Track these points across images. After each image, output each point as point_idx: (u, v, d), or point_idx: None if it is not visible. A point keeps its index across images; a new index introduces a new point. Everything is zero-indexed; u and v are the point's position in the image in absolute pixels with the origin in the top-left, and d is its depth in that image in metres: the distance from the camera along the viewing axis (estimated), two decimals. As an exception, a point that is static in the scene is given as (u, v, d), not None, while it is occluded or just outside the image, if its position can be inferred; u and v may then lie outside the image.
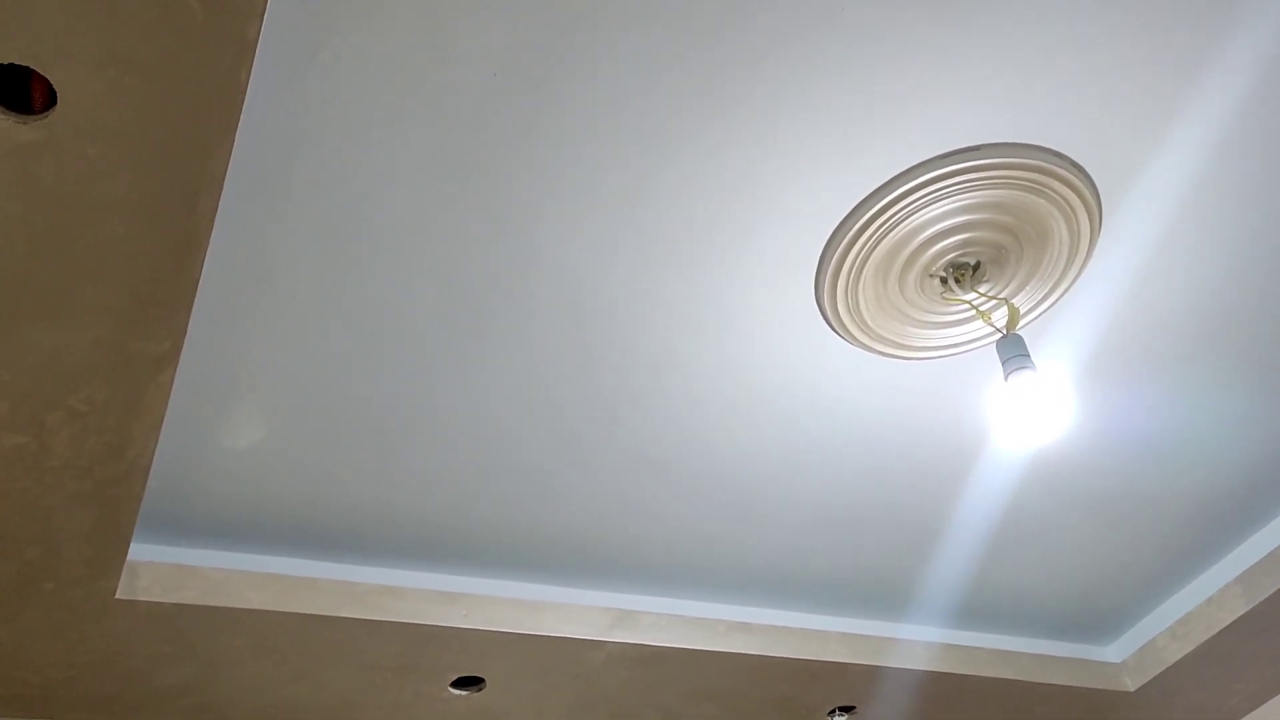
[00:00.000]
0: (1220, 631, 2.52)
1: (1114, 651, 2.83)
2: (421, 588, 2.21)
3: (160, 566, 2.01)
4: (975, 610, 2.66)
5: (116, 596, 1.92)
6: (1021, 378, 1.69)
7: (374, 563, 2.20)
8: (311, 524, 2.10)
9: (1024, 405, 1.68)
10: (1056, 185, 1.71)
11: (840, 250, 1.77)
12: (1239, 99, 1.63)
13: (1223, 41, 1.55)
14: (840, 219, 1.73)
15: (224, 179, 1.38)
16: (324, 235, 1.65)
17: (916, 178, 1.68)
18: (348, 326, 1.78)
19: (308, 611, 2.08)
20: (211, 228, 1.43)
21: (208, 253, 1.62)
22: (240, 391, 1.83)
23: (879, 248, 1.77)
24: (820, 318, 1.89)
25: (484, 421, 1.97)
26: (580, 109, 1.53)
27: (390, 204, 1.62)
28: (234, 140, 1.34)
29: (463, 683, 2.36)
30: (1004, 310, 1.87)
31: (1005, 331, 1.80)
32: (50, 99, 1.27)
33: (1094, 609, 2.71)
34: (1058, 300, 1.90)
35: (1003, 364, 1.74)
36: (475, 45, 1.45)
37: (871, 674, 2.57)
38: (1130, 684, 2.76)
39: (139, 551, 2.02)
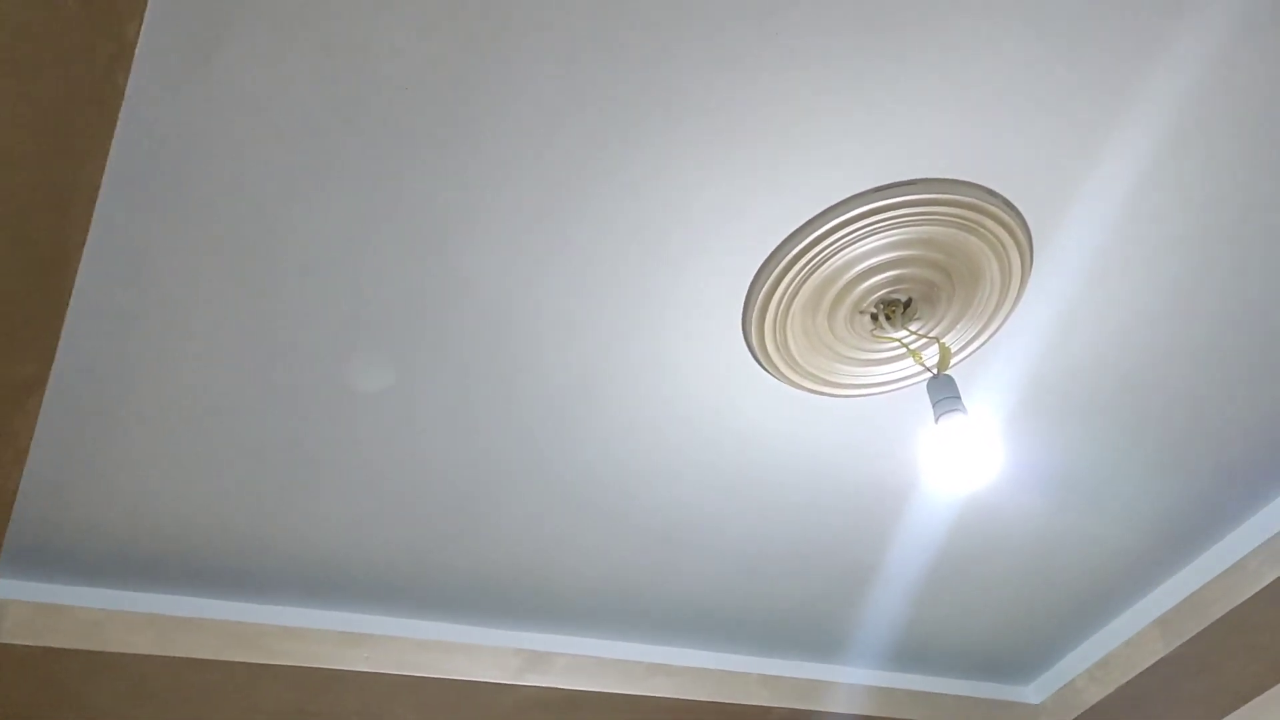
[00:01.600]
0: (1139, 674, 2.51)
1: (1034, 692, 2.81)
2: (319, 628, 2.07)
3: (29, 606, 1.85)
4: (899, 651, 2.61)
5: (-24, 640, 1.75)
6: (952, 420, 1.64)
7: (267, 601, 2.06)
8: (199, 559, 1.95)
9: (954, 449, 1.63)
10: (989, 223, 1.67)
11: (769, 284, 1.71)
12: (1161, 144, 1.61)
13: (1146, 88, 1.52)
14: (769, 252, 1.67)
15: (99, 189, 1.26)
16: (219, 251, 1.52)
17: (848, 211, 1.63)
18: (244, 348, 1.65)
19: (193, 655, 1.93)
20: (84, 241, 1.31)
21: (86, 269, 1.48)
22: (122, 417, 1.69)
23: (809, 282, 1.71)
24: (748, 352, 1.82)
25: (392, 451, 1.85)
26: (504, 126, 1.44)
27: (295, 218, 1.50)
28: (110, 148, 1.22)
29: (363, 728, 2.22)
30: (935, 349, 1.83)
31: (936, 371, 1.75)
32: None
33: (1015, 650, 2.68)
34: (988, 340, 1.86)
35: (933, 405, 1.69)
36: (388, 54, 1.35)
37: (793, 717, 2.50)
38: (1049, 726, 2.74)
39: (6, 589, 1.86)
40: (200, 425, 1.74)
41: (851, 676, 2.59)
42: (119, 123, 1.27)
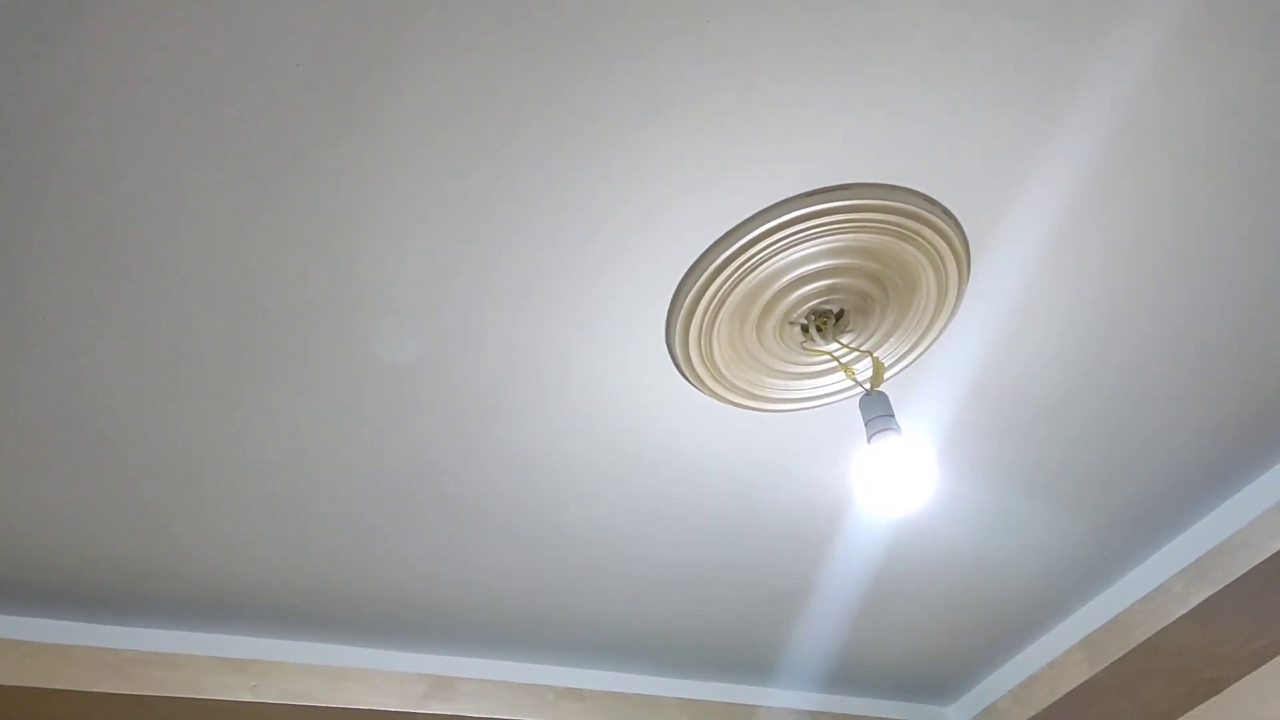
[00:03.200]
0: (1062, 696, 2.47)
1: (956, 713, 2.76)
2: (199, 654, 1.90)
3: None
4: (822, 672, 2.53)
5: None
6: (885, 440, 1.55)
7: (141, 624, 1.88)
8: (63, 579, 1.77)
9: (887, 470, 1.54)
10: (926, 232, 1.59)
11: (694, 292, 1.60)
12: (1097, 157, 1.54)
13: (1085, 94, 1.46)
14: (695, 258, 1.56)
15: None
16: (84, 242, 1.36)
17: (779, 216, 1.53)
18: (115, 351, 1.48)
19: (56, 686, 1.74)
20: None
21: (-78, 255, 1.31)
22: (-28, 424, 1.51)
23: (736, 290, 1.61)
24: (671, 364, 1.71)
25: (282, 460, 1.70)
26: (411, 113, 1.30)
27: (170, 208, 1.35)
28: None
29: (251, 761, 2.06)
30: (868, 363, 1.74)
31: (868, 388, 1.66)
32: None
33: (939, 671, 2.63)
34: (923, 353, 1.78)
35: (865, 424, 1.60)
36: (277, 25, 1.20)
37: (711, 742, 2.40)
38: (972, 748, 2.69)
39: None
40: (65, 433, 1.56)
41: (774, 699, 2.51)
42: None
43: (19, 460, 1.58)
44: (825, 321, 1.68)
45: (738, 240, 1.55)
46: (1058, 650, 2.50)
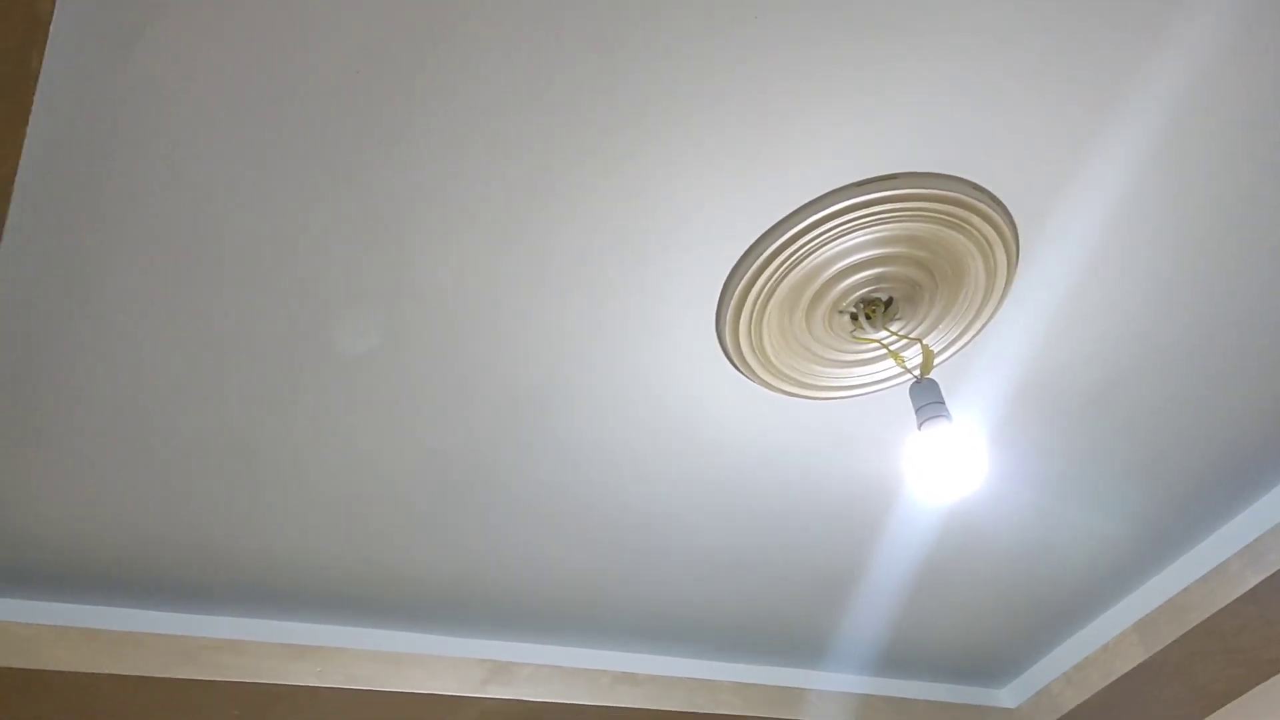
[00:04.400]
0: (1116, 679, 2.46)
1: (1009, 696, 2.76)
2: (267, 641, 1.96)
3: (-47, 622, 1.73)
4: (875, 657, 2.55)
5: (-106, 661, 1.63)
6: (936, 427, 1.56)
7: (210, 613, 1.94)
8: (137, 571, 1.83)
9: (938, 457, 1.55)
10: (975, 220, 1.59)
11: (744, 282, 1.62)
12: (1150, 145, 1.54)
13: (1140, 85, 1.45)
14: (745, 248, 1.58)
15: (15, 178, 1.14)
16: (154, 246, 1.41)
17: (828, 206, 1.54)
18: (183, 349, 1.54)
19: (132, 672, 1.81)
20: (0, 235, 1.19)
21: (8, 265, 1.36)
22: (54, 421, 1.57)
23: (786, 280, 1.63)
24: (721, 353, 1.73)
25: (344, 455, 1.75)
26: (461, 113, 1.33)
27: (235, 211, 1.39)
28: (26, 134, 1.11)
29: (317, 744, 2.12)
30: (916, 350, 1.75)
31: (919, 375, 1.67)
32: None
33: (992, 655, 2.63)
34: (971, 341, 1.78)
35: (916, 411, 1.61)
36: (335, 35, 1.24)
37: (764, 725, 2.43)
38: (1025, 731, 2.69)
39: (-71, 604, 1.74)
40: (136, 430, 1.62)
41: (827, 683, 2.53)
42: (35, 111, 1.15)
43: (94, 458, 1.64)
44: (874, 310, 1.69)
45: (787, 231, 1.56)
46: (1112, 633, 2.49)
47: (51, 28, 1.06)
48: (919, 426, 1.59)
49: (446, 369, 1.65)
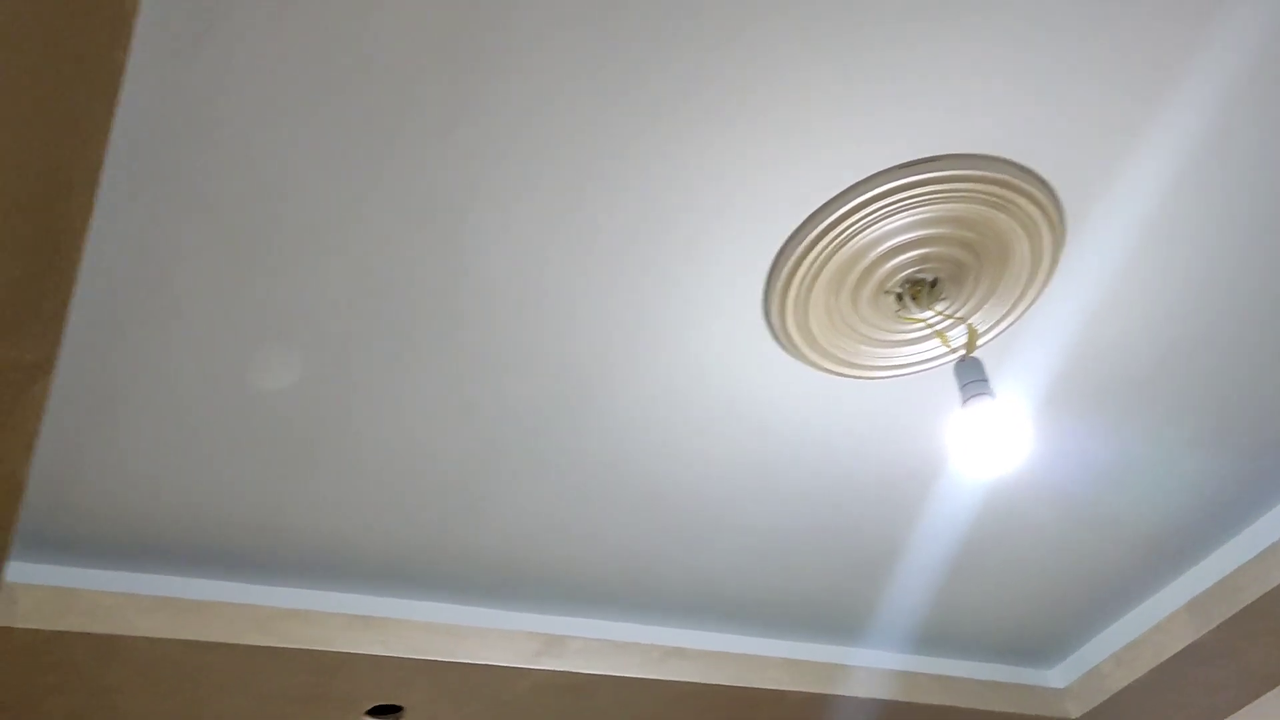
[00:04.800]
0: (1166, 659, 2.46)
1: (1058, 677, 2.77)
2: (331, 611, 2.04)
3: (42, 590, 1.83)
4: (922, 635, 2.57)
5: (-11, 624, 1.74)
6: (980, 404, 1.59)
7: (279, 584, 2.03)
8: (209, 542, 1.92)
9: (982, 433, 1.58)
10: (1021, 201, 1.61)
11: (791, 262, 1.65)
12: (1200, 129, 1.55)
13: (1193, 64, 1.46)
14: (792, 229, 1.61)
15: (100, 171, 1.22)
16: (225, 230, 1.48)
17: (875, 188, 1.57)
18: (251, 329, 1.61)
19: (204, 639, 1.91)
20: (88, 223, 1.27)
21: (88, 252, 1.44)
22: (130, 401, 1.66)
23: (832, 261, 1.66)
24: (768, 333, 1.77)
25: (402, 432, 1.82)
26: (512, 98, 1.39)
27: (300, 197, 1.46)
28: (111, 127, 1.18)
29: (379, 711, 2.21)
30: (961, 330, 1.77)
31: (963, 353, 1.70)
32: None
33: (1040, 634, 2.64)
34: (1016, 321, 1.80)
35: (960, 388, 1.63)
36: (391, 27, 1.29)
37: (812, 701, 2.47)
38: (1073, 711, 2.69)
39: (19, 573, 1.84)
40: (207, 407, 1.71)
41: (873, 660, 2.56)
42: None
43: (169, 438, 1.73)
44: (919, 290, 1.72)
45: (834, 212, 1.59)
46: (1162, 613, 2.49)
47: (133, 25, 1.12)
48: (963, 403, 1.61)
49: (499, 349, 1.71)
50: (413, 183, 1.47)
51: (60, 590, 1.84)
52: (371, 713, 2.21)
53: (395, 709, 2.21)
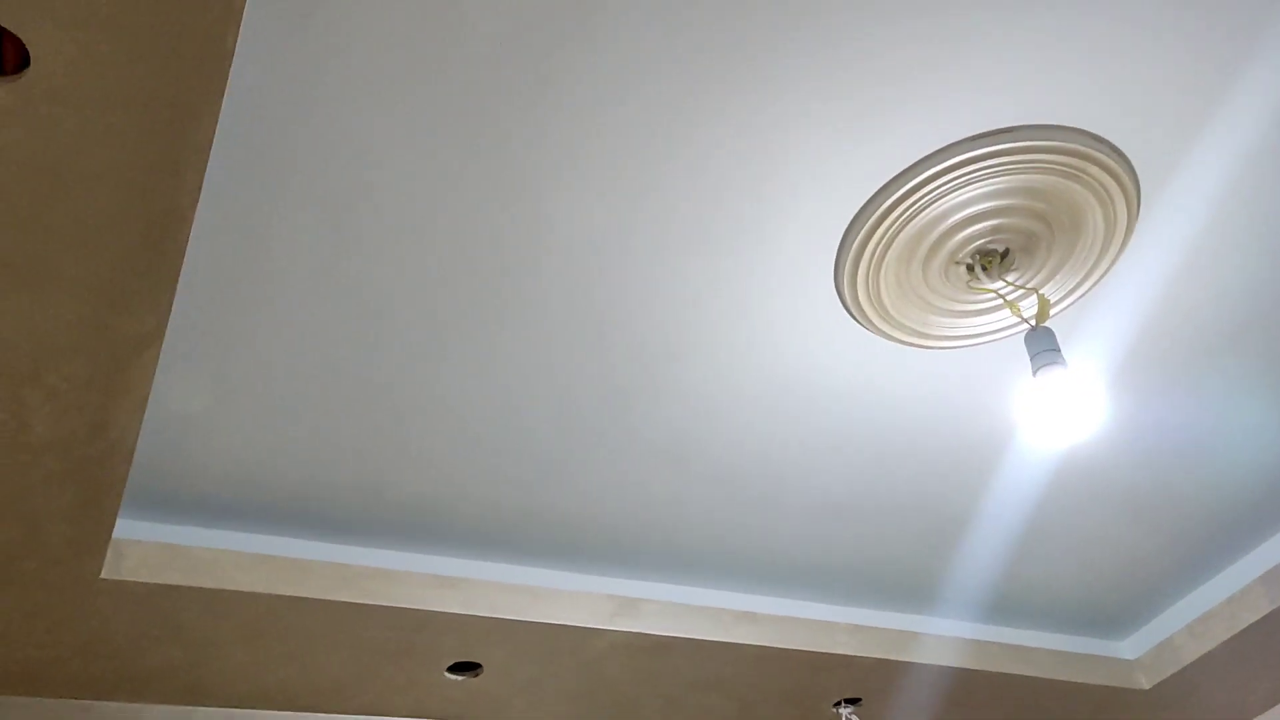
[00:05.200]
0: (1241, 631, 2.44)
1: (1129, 648, 2.76)
2: (417, 571, 2.14)
3: (148, 546, 1.95)
4: (989, 604, 2.59)
5: (101, 577, 1.86)
6: (1051, 374, 1.60)
7: (369, 545, 2.13)
8: (305, 504, 2.03)
9: (1053, 402, 1.59)
10: (1095, 171, 1.61)
11: (863, 235, 1.68)
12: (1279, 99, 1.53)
13: (1271, 29, 1.44)
14: (864, 202, 1.64)
15: (210, 148, 1.29)
16: (321, 207, 1.56)
17: (947, 160, 1.59)
18: (346, 302, 1.69)
19: (298, 594, 2.01)
20: (197, 199, 1.35)
21: (194, 226, 1.53)
22: (232, 369, 1.76)
23: (903, 233, 1.68)
24: (839, 304, 1.80)
25: (487, 401, 1.89)
26: (597, 77, 1.44)
27: (393, 174, 1.53)
28: (220, 108, 1.25)
29: (459, 667, 2.30)
30: (1033, 300, 1.78)
31: (1034, 324, 1.71)
32: (23, 60, 1.19)
33: (1111, 606, 2.64)
34: (1088, 291, 1.80)
35: (1031, 358, 1.65)
36: (481, 7, 1.35)
37: (879, 667, 2.50)
38: (1145, 682, 2.69)
39: (127, 529, 1.96)
40: (303, 375, 1.79)
41: (942, 628, 2.58)
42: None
43: (269, 403, 1.82)
44: (991, 260, 1.73)
45: (905, 185, 1.62)
46: (1237, 585, 2.48)
47: (240, 12, 1.19)
48: (1034, 373, 1.63)
49: (582, 321, 1.77)
50: (500, 161, 1.53)
51: (165, 546, 1.95)
52: (452, 669, 2.30)
53: (475, 666, 2.31)
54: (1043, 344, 1.65)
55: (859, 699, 2.63)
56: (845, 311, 1.81)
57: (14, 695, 2.10)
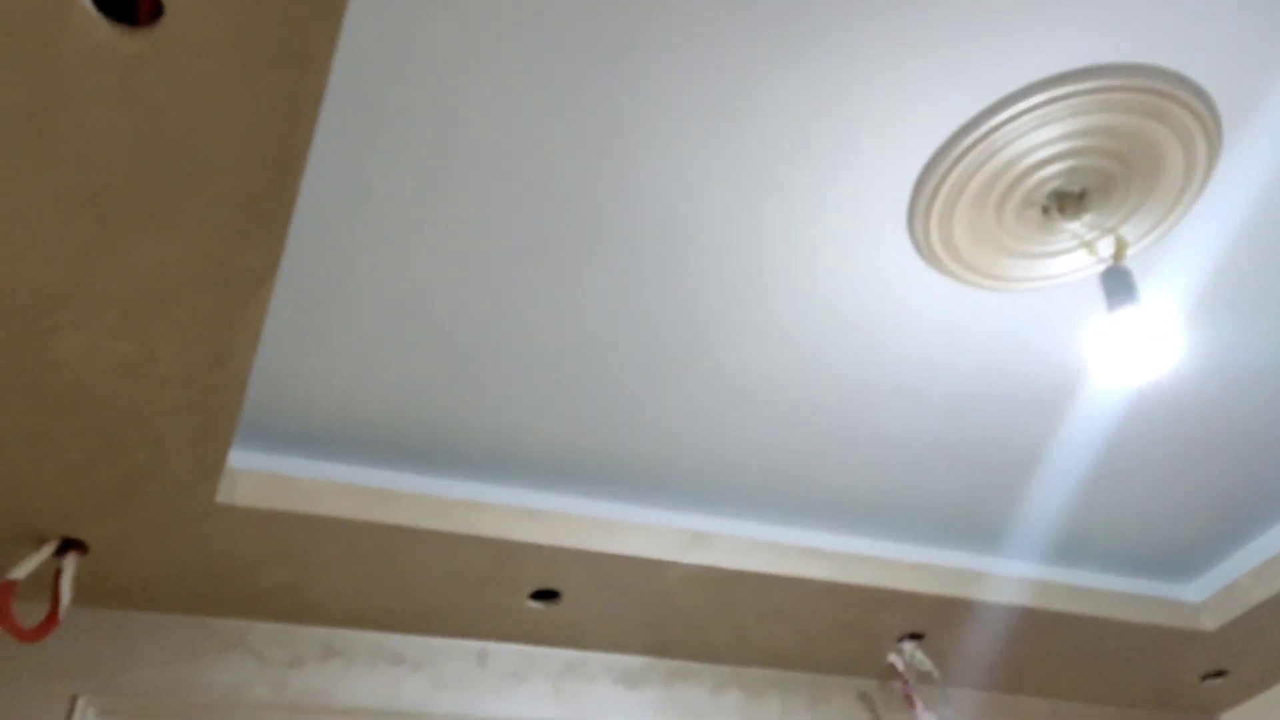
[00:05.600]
0: (1309, 576, 2.47)
1: (1194, 591, 2.79)
2: (503, 504, 2.25)
3: (257, 474, 2.08)
4: (1057, 545, 2.63)
5: (216, 501, 1.99)
6: (1127, 312, 1.64)
7: (459, 477, 2.25)
8: (400, 438, 2.14)
9: (1129, 341, 1.63)
10: (1176, 110, 1.63)
11: (936, 177, 1.72)
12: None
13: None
14: (939, 143, 1.68)
15: (323, 94, 1.38)
16: (420, 153, 1.64)
17: (1022, 101, 1.62)
18: (441, 243, 1.78)
19: (395, 523, 2.13)
20: (309, 143, 1.44)
21: (306, 169, 1.63)
22: (336, 307, 1.86)
23: (978, 175, 1.72)
24: (912, 247, 1.84)
25: (569, 340, 1.98)
26: (684, 36, 1.49)
27: (487, 120, 1.61)
28: (334, 55, 1.34)
29: (540, 595, 2.42)
30: (1109, 240, 1.81)
31: (1111, 263, 1.74)
32: (157, 10, 1.28)
33: (1178, 548, 2.67)
34: (1166, 233, 1.82)
35: (1107, 297, 1.69)
36: (575, -42, 1.41)
37: (942, 604, 2.57)
38: (1209, 624, 2.72)
39: (238, 459, 2.09)
40: (400, 316, 1.89)
41: (1007, 568, 2.63)
42: (338, 32, 1.38)
43: (368, 340, 1.93)
44: (1066, 202, 1.76)
45: (979, 127, 1.65)
46: (1306, 530, 2.49)
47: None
48: (1110, 311, 1.67)
49: (661, 264, 1.84)
50: (588, 109, 1.59)
51: (273, 476, 2.08)
52: (534, 596, 2.42)
53: (554, 594, 2.42)
54: (1119, 283, 1.68)
55: (922, 634, 2.70)
56: (918, 254, 1.85)
57: (135, 610, 2.26)
